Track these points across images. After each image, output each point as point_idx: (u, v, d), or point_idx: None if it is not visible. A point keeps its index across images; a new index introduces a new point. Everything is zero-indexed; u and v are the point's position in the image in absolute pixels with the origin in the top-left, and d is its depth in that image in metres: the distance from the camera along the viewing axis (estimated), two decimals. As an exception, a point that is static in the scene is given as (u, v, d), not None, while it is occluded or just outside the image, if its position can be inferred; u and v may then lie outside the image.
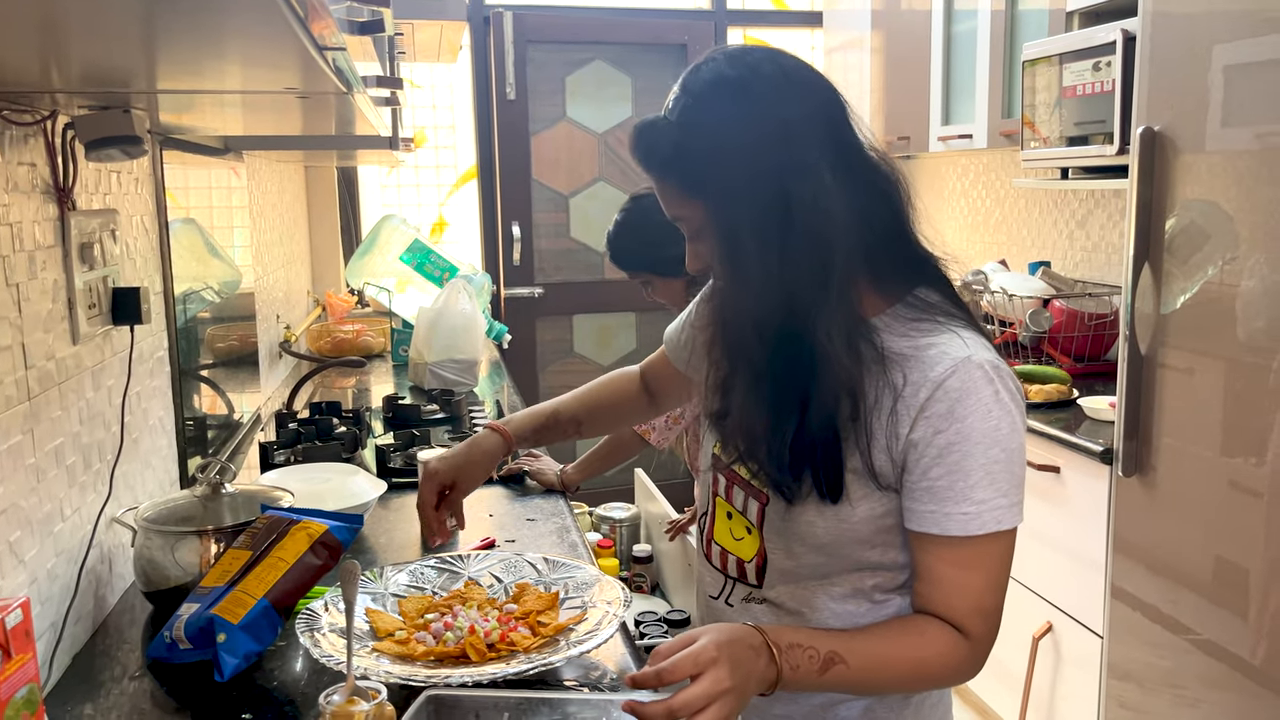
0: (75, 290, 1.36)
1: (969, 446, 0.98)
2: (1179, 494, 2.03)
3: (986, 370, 0.99)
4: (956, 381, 0.98)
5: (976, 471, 0.98)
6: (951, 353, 0.99)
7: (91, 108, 1.32)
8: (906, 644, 1.03)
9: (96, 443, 1.45)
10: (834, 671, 0.99)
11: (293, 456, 2.13)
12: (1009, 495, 1.00)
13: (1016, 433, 1.00)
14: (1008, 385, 1.00)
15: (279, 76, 1.05)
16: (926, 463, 0.99)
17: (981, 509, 0.99)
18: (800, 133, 0.98)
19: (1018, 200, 3.64)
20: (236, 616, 1.23)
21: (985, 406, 0.98)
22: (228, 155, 2.45)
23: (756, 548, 1.13)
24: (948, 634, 1.02)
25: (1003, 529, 1.00)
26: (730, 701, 0.92)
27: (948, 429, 0.98)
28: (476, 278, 3.68)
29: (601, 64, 4.35)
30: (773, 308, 0.99)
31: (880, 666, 1.02)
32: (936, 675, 1.04)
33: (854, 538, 1.06)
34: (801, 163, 0.97)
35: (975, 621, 1.02)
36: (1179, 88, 1.98)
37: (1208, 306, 1.94)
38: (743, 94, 0.99)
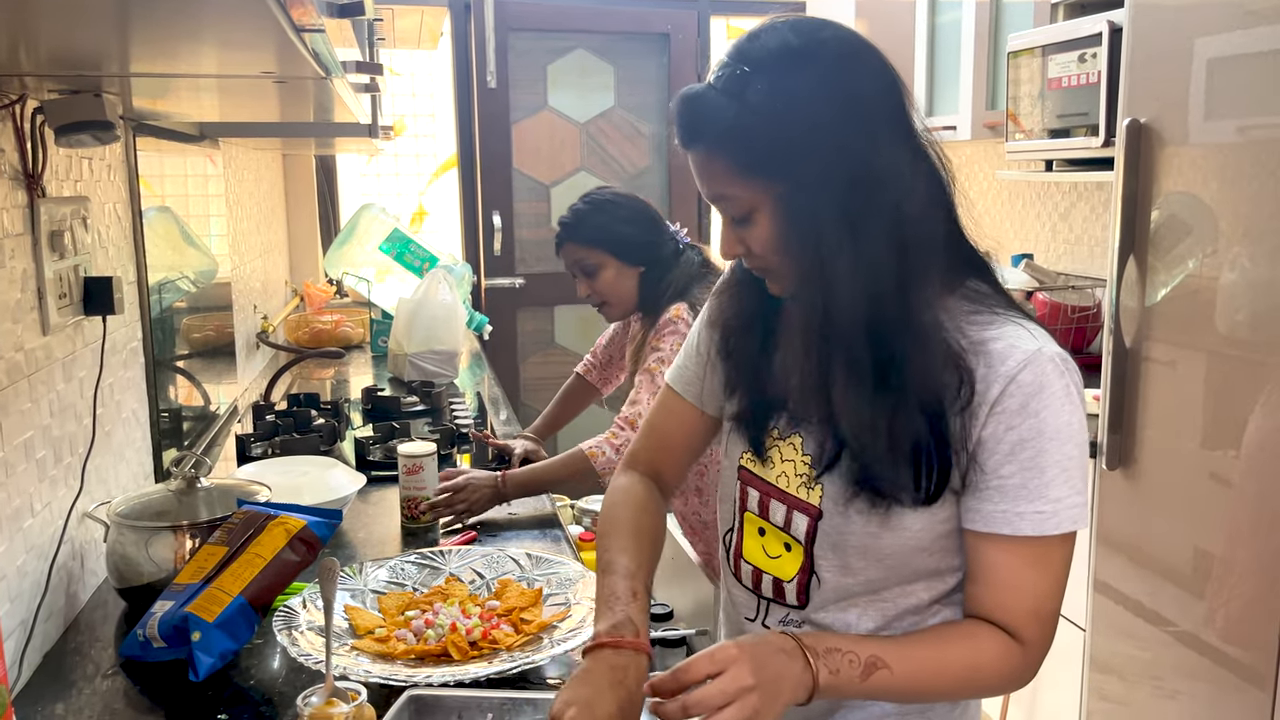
0: (45, 280, 1.33)
1: (1043, 443, 0.93)
2: (1162, 487, 2.03)
3: (1058, 363, 0.95)
4: (1029, 375, 0.93)
5: (1052, 469, 0.94)
6: (1021, 345, 0.95)
7: (62, 92, 1.28)
8: (957, 650, 0.98)
9: (68, 436, 1.42)
10: (877, 677, 0.94)
11: (270, 449, 2.09)
12: (1081, 493, 0.95)
13: (1085, 429, 0.96)
14: (1076, 380, 0.96)
15: (256, 60, 1.02)
16: (998, 460, 0.95)
17: (1058, 508, 0.94)
18: (874, 109, 0.94)
19: (1001, 193, 3.64)
20: (212, 614, 1.20)
21: (1059, 401, 0.94)
22: (203, 142, 2.41)
23: (799, 564, 1.05)
24: (1000, 640, 0.97)
25: (1071, 530, 0.96)
26: (754, 701, 0.87)
27: (1021, 424, 0.93)
28: (457, 268, 3.64)
29: (584, 53, 4.31)
30: (867, 291, 0.92)
31: (927, 673, 0.97)
32: (988, 683, 0.99)
33: (916, 546, 1.00)
34: (877, 139, 0.93)
35: (1032, 626, 0.97)
36: (1164, 80, 1.98)
37: (1190, 299, 1.94)
38: (812, 65, 0.93)
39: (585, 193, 2.16)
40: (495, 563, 1.44)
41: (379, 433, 2.24)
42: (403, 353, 2.95)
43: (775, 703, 0.90)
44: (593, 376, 2.46)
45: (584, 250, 2.09)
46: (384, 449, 2.13)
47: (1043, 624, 0.97)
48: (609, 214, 2.08)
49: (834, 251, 0.93)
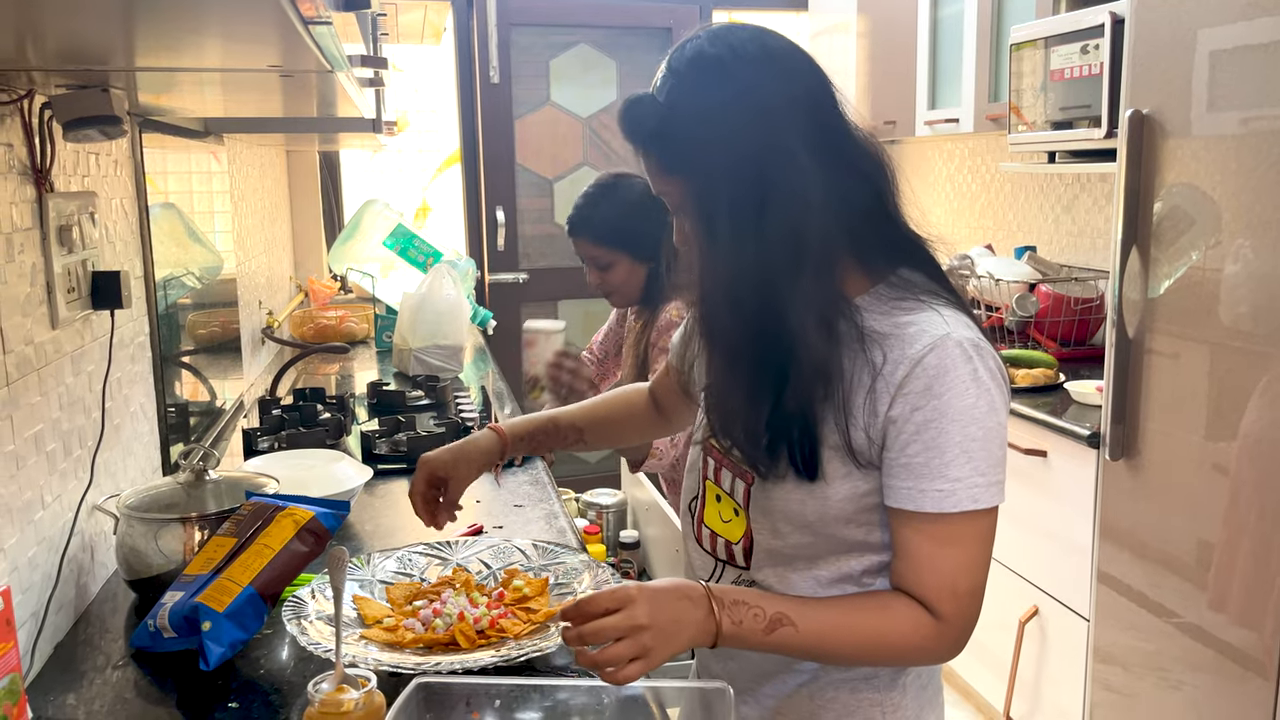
0: (54, 274, 1.34)
1: (945, 424, 0.97)
2: (1165, 478, 2.03)
3: (965, 348, 0.98)
4: (934, 359, 0.98)
5: (952, 449, 0.98)
6: (930, 330, 0.99)
7: (69, 87, 1.29)
8: (865, 616, 1.02)
9: (77, 429, 1.43)
10: (781, 633, 0.99)
11: (276, 443, 2.10)
12: (986, 474, 0.99)
13: (995, 412, 0.99)
14: (987, 364, 1.00)
15: (262, 53, 1.03)
16: (904, 440, 0.99)
17: (957, 486, 0.98)
18: (779, 114, 0.99)
19: (1004, 185, 3.64)
20: (222, 604, 1.21)
21: (962, 384, 0.97)
22: (208, 138, 2.42)
23: (744, 529, 1.12)
24: (914, 611, 1.01)
25: (979, 508, 0.99)
26: (645, 639, 0.95)
27: (925, 406, 0.98)
28: (461, 263, 3.65)
29: (586, 47, 4.32)
30: (747, 287, 0.99)
31: (832, 634, 1.01)
32: (898, 651, 1.03)
33: (837, 516, 1.05)
34: (779, 144, 0.97)
35: (947, 601, 1.00)
36: (1166, 72, 1.98)
37: (1193, 291, 1.94)
38: (722, 73, 0.99)
39: (597, 179, 2.14)
40: (502, 553, 1.45)
41: (384, 427, 2.25)
42: (407, 348, 2.95)
43: (669, 644, 0.97)
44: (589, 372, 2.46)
45: (598, 247, 2.09)
46: (390, 442, 2.14)
47: (958, 600, 1.00)
48: (621, 208, 2.06)
49: (719, 245, 1.00)
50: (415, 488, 1.37)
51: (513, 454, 1.42)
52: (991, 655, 2.71)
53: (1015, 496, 2.65)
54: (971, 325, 1.02)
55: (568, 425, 1.44)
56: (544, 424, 1.43)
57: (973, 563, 1.01)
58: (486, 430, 1.41)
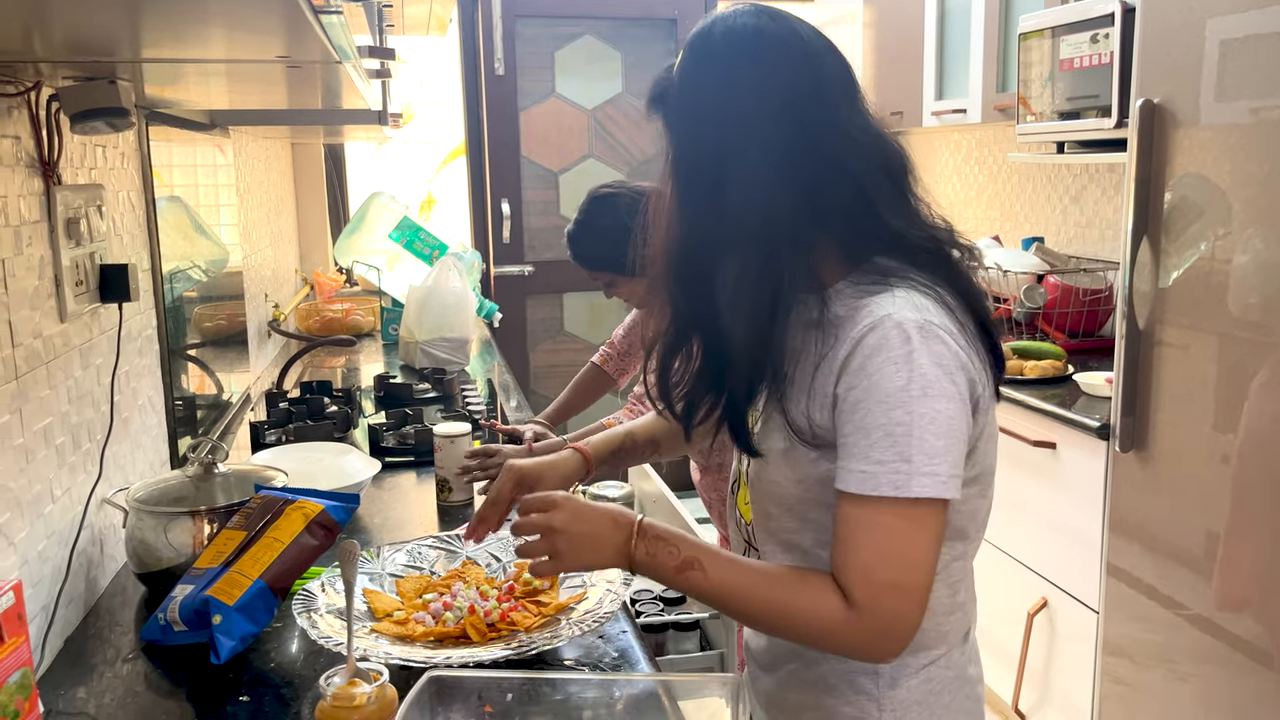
0: (62, 267, 1.33)
1: (872, 404, 0.95)
2: (1176, 470, 2.02)
3: (905, 329, 0.95)
4: (872, 338, 0.96)
5: (876, 431, 0.94)
6: (876, 311, 0.98)
7: (76, 79, 1.28)
8: (776, 582, 1.00)
9: (86, 422, 1.43)
10: (690, 575, 1.02)
11: (284, 436, 2.10)
12: (913, 461, 0.93)
13: (930, 398, 0.94)
14: (931, 347, 0.95)
15: (270, 43, 1.02)
16: (842, 419, 0.98)
17: (878, 470, 0.94)
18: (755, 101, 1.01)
19: (1011, 175, 3.63)
20: (232, 598, 1.21)
21: (894, 365, 0.95)
22: (214, 131, 2.41)
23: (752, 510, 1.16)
24: (826, 592, 0.97)
25: (902, 495, 0.94)
26: (556, 542, 1.05)
27: (858, 385, 0.96)
28: (466, 255, 3.64)
29: (591, 39, 4.30)
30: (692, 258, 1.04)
31: (737, 590, 1.01)
32: (803, 628, 0.99)
33: (815, 500, 1.04)
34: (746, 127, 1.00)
35: (859, 587, 0.95)
36: (1176, 61, 1.97)
37: (1202, 282, 1.93)
38: (709, 55, 1.04)
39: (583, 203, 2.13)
40: (511, 546, 1.44)
41: (392, 420, 2.25)
42: (413, 340, 2.95)
43: (579, 554, 1.06)
44: (610, 366, 2.46)
45: (591, 273, 2.13)
46: (397, 435, 2.14)
47: (872, 590, 0.95)
48: (600, 238, 2.06)
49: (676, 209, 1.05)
50: (500, 493, 1.27)
51: (595, 475, 1.41)
52: (1000, 647, 2.71)
53: (1024, 488, 2.64)
54: (927, 308, 0.99)
55: (645, 440, 1.45)
56: (622, 441, 1.44)
57: (896, 555, 0.95)
58: (570, 450, 1.39)
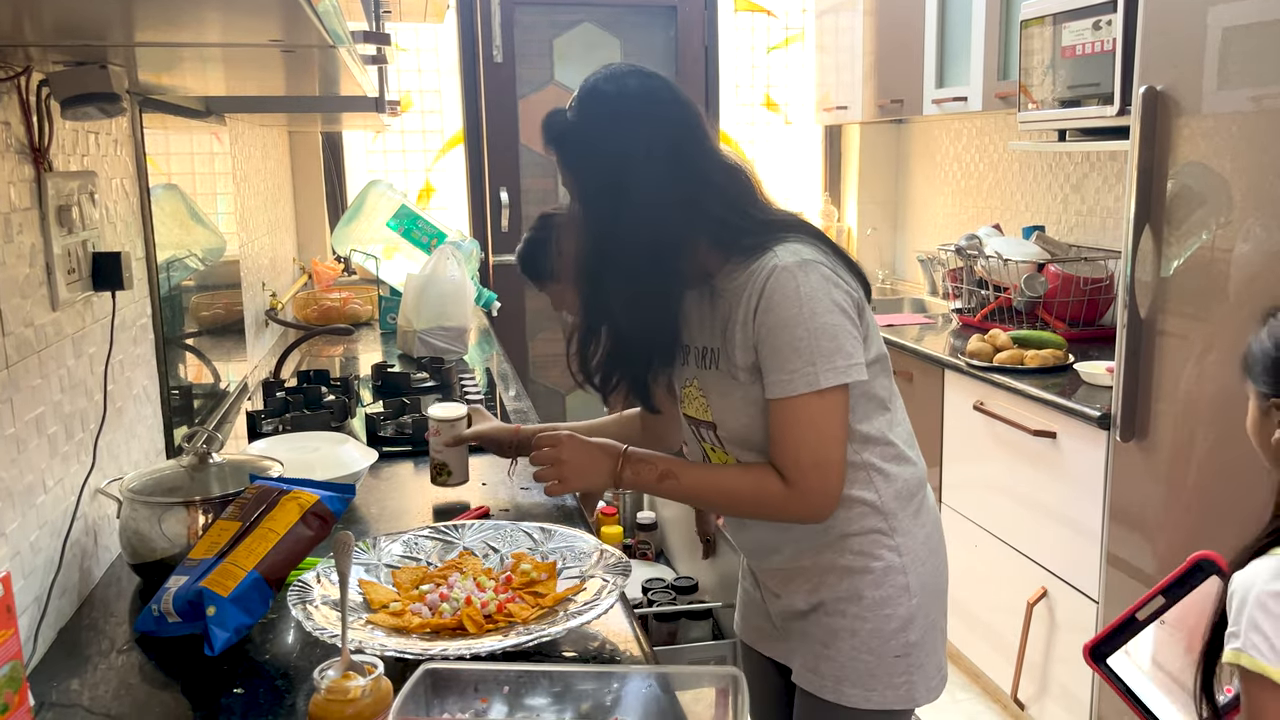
0: (54, 255, 1.32)
1: (779, 330, 1.26)
2: (1176, 459, 2.01)
3: (790, 268, 1.27)
4: (770, 283, 1.27)
5: (785, 349, 1.26)
6: (766, 264, 1.29)
7: (67, 64, 1.27)
8: (733, 476, 1.36)
9: (79, 412, 1.41)
10: (667, 483, 1.36)
11: (281, 425, 2.09)
12: (816, 364, 1.25)
13: (817, 315, 1.26)
14: (809, 277, 1.26)
15: (263, 27, 1.00)
16: (761, 349, 1.29)
17: (793, 376, 1.26)
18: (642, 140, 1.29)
19: (1012, 164, 3.61)
20: (226, 589, 1.20)
21: (788, 298, 1.26)
22: (209, 118, 2.39)
23: (732, 461, 1.41)
24: (769, 477, 1.31)
25: (812, 390, 1.26)
26: (561, 470, 1.39)
27: (767, 319, 1.27)
28: (464, 244, 3.63)
29: (590, 26, 4.28)
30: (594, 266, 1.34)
31: (705, 486, 1.38)
32: (757, 503, 1.34)
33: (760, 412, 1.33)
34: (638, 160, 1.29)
35: (792, 470, 1.29)
36: (1178, 48, 1.95)
37: (1204, 271, 1.92)
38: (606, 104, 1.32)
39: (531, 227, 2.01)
40: (509, 537, 1.43)
41: (389, 409, 2.24)
42: (411, 329, 2.94)
43: (579, 477, 1.39)
44: None
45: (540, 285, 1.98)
46: (395, 424, 2.13)
47: (802, 471, 1.29)
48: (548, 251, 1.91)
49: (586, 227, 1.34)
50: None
51: None
52: (999, 637, 2.70)
53: (1024, 477, 2.63)
54: (800, 251, 1.29)
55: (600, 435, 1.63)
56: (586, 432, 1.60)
57: (814, 440, 1.28)
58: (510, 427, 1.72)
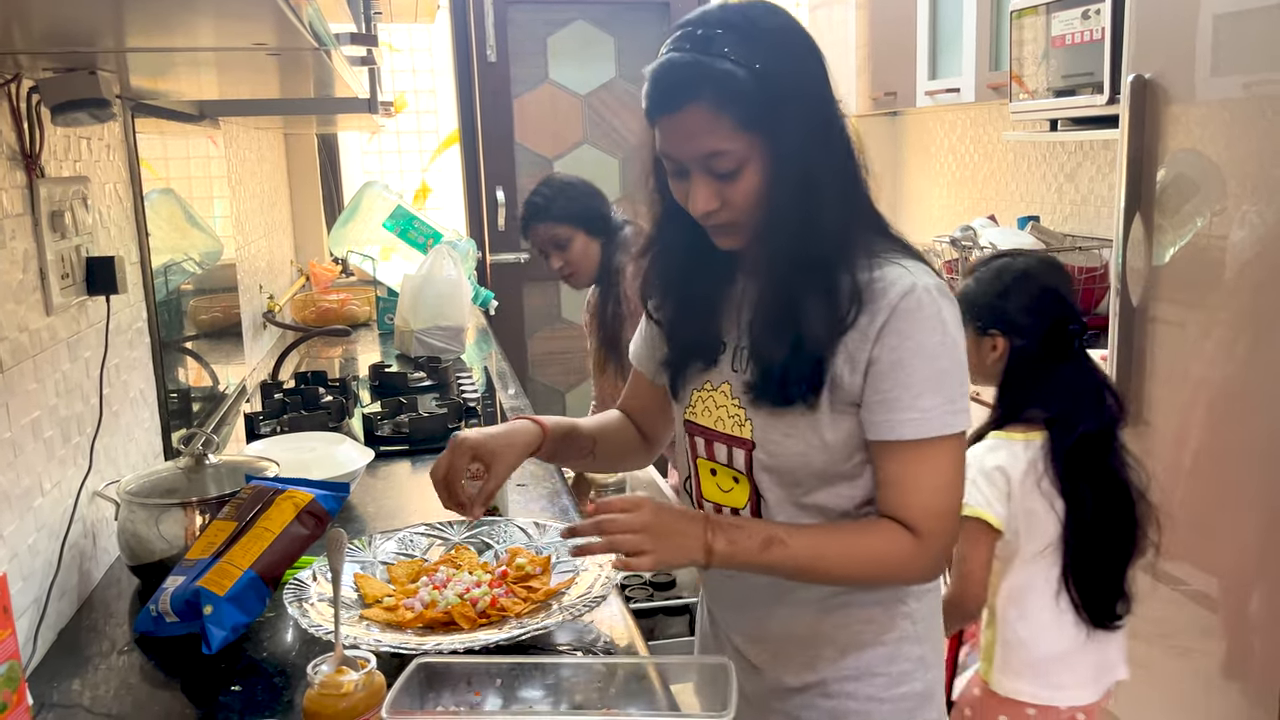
0: (47, 260, 1.33)
1: (915, 361, 1.08)
2: (1170, 445, 2.02)
3: (933, 293, 1.09)
4: (907, 304, 1.08)
5: (920, 383, 1.08)
6: (901, 281, 1.09)
7: (57, 70, 1.28)
8: (851, 536, 1.13)
9: (75, 416, 1.42)
10: (774, 551, 1.09)
11: (279, 427, 2.10)
12: (954, 403, 1.09)
13: (957, 348, 1.10)
14: (950, 306, 1.11)
15: (248, 31, 1.01)
16: (881, 378, 1.09)
17: (928, 415, 1.08)
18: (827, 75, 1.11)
19: (1006, 154, 3.61)
20: (223, 588, 1.21)
21: (930, 325, 1.08)
22: (203, 122, 2.40)
23: (748, 493, 1.19)
24: (895, 531, 1.10)
25: (949, 433, 1.09)
26: (644, 539, 1.06)
27: (899, 346, 1.08)
28: (461, 243, 3.64)
29: (584, 24, 4.28)
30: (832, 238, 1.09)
31: (820, 551, 1.11)
32: (882, 564, 1.12)
33: (840, 458, 1.14)
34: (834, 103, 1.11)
35: (926, 520, 1.10)
36: (1169, 36, 1.95)
37: (1198, 258, 1.93)
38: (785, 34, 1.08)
39: (541, 181, 2.47)
40: (504, 532, 1.44)
41: (386, 409, 2.25)
42: (409, 329, 2.95)
43: (664, 548, 1.07)
44: None
45: (556, 226, 2.38)
46: (392, 424, 2.14)
47: (938, 519, 1.11)
48: (571, 195, 2.37)
49: (815, 197, 1.08)
50: (452, 469, 1.23)
51: (541, 453, 1.32)
52: (999, 626, 2.71)
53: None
54: (930, 273, 1.13)
55: (585, 435, 1.38)
56: (570, 429, 1.36)
57: (948, 484, 1.11)
58: (524, 421, 1.31)
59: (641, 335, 1.38)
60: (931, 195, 4.16)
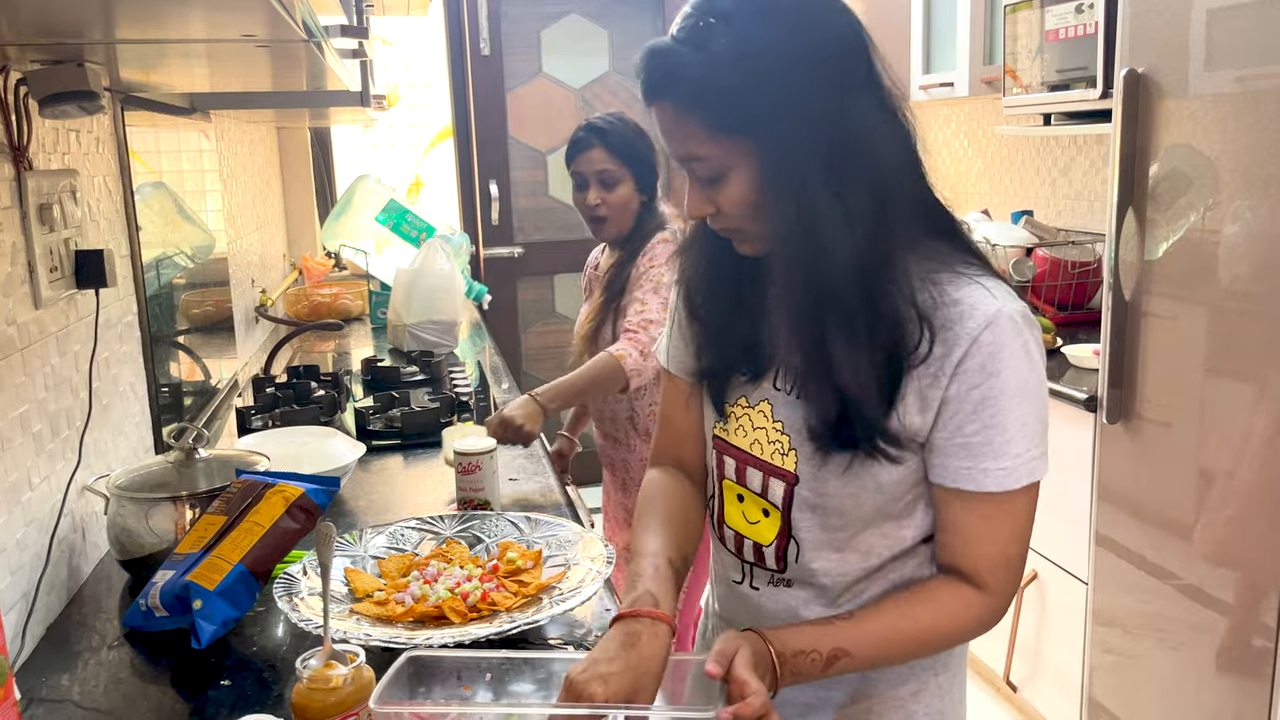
0: (35, 253, 1.32)
1: (1005, 401, 0.95)
2: (1163, 440, 2.02)
3: (1018, 322, 0.95)
4: (990, 336, 0.94)
5: (1012, 426, 0.95)
6: (982, 307, 0.95)
7: (44, 62, 1.27)
8: (918, 617, 1.00)
9: (64, 410, 1.42)
10: (838, 665, 0.98)
11: (270, 421, 2.10)
12: (1040, 446, 0.98)
13: (1044, 384, 0.98)
14: (1035, 335, 0.98)
15: (236, 22, 1.01)
16: (961, 419, 0.96)
17: (1017, 463, 0.96)
18: (842, 64, 0.93)
19: (1000, 149, 3.61)
20: (212, 582, 1.21)
21: (1018, 360, 0.95)
22: (194, 115, 2.39)
23: (777, 529, 1.06)
24: (963, 595, 1.00)
25: (1035, 480, 0.98)
26: None
27: (983, 384, 0.94)
28: (454, 238, 3.63)
29: (577, 17, 4.27)
30: (851, 252, 0.92)
31: (887, 648, 1.00)
32: (952, 639, 1.03)
33: (890, 497, 1.01)
34: (850, 96, 0.93)
35: (999, 573, 1.00)
36: (1162, 30, 1.95)
37: (1191, 253, 1.92)
38: (778, 18, 0.91)
39: (610, 112, 2.26)
40: (495, 526, 1.44)
41: (379, 403, 2.25)
42: (401, 323, 2.94)
43: None
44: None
45: (611, 161, 2.17)
46: (384, 418, 2.13)
47: (1009, 570, 1.00)
48: (638, 136, 2.19)
49: (816, 210, 0.92)
50: None
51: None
52: (991, 620, 2.71)
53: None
54: (1014, 295, 0.98)
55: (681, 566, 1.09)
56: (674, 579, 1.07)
57: (1023, 533, 1.01)
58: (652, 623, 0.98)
59: (678, 335, 1.17)
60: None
